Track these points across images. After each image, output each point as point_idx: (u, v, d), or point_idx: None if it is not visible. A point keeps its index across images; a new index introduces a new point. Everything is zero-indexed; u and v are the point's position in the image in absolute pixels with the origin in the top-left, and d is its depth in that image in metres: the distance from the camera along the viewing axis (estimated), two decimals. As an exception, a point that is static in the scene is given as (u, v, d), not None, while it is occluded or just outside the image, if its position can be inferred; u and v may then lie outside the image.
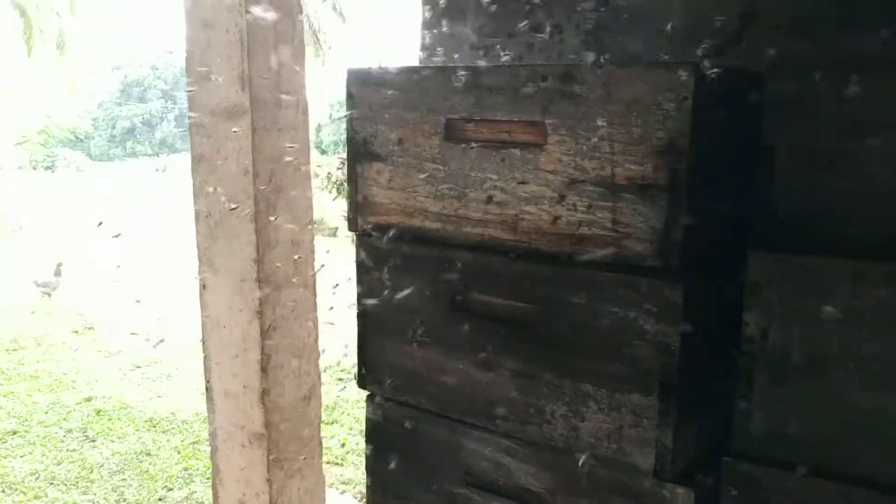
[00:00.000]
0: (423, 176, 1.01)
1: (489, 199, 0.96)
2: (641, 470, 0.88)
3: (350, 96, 1.05)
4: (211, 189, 1.63)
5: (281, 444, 1.70)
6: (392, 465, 1.10)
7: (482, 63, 1.03)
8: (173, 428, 4.32)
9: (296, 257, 1.66)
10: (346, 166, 1.10)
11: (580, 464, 0.92)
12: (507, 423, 0.98)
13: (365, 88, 1.04)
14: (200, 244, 1.68)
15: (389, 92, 1.02)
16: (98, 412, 4.55)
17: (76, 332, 6.41)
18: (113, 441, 4.11)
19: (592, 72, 0.86)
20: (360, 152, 1.06)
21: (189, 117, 1.65)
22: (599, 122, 0.87)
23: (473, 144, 0.96)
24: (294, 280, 1.66)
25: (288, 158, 1.64)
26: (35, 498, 3.42)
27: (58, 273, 7.39)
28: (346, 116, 1.07)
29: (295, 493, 1.74)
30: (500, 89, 0.93)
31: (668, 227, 0.84)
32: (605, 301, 0.87)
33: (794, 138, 0.86)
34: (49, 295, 7.38)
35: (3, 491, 3.48)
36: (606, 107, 0.86)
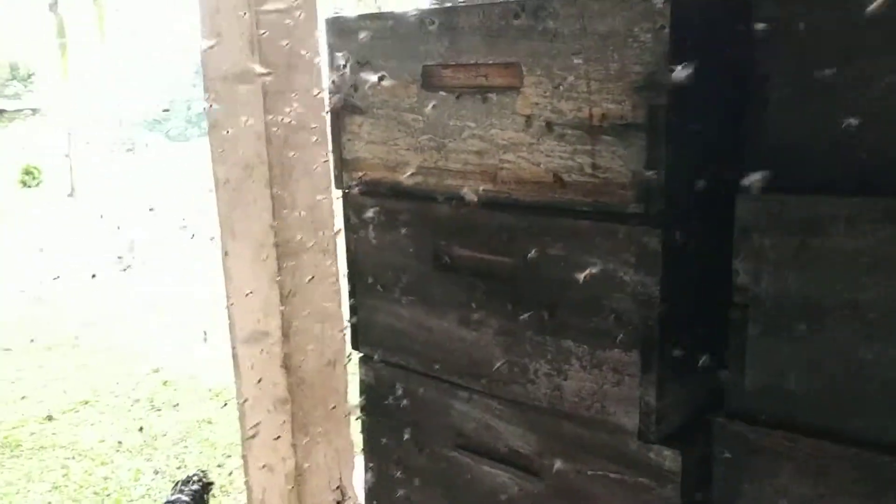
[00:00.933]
0: (402, 128, 0.96)
1: (468, 149, 0.91)
2: (627, 430, 0.82)
3: (329, 47, 1.01)
4: (226, 155, 1.63)
5: (305, 410, 1.70)
6: (385, 429, 1.07)
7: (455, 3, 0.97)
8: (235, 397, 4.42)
9: (313, 222, 1.64)
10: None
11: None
12: (493, 383, 0.93)
13: (342, 38, 1.00)
14: (220, 210, 1.68)
15: (366, 40, 0.97)
16: (165, 383, 4.70)
17: (146, 304, 6.62)
18: (177, 410, 4.24)
19: (565, 4, 0.80)
20: (341, 105, 1.02)
21: (204, 84, 1.65)
22: (575, 60, 0.80)
23: (451, 91, 0.91)
24: (312, 245, 1.65)
25: (302, 122, 1.61)
26: (102, 464, 3.56)
27: (131, 248, 7.65)
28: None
29: (322, 458, 1.74)
30: (474, 30, 0.88)
31: (647, 170, 0.77)
32: (584, 252, 0.82)
33: (789, 66, 0.78)
34: (125, 270, 7.66)
35: (74, 458, 3.64)
36: (581, 42, 0.80)
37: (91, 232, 9.89)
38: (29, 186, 20.60)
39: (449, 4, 1.10)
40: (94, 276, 7.50)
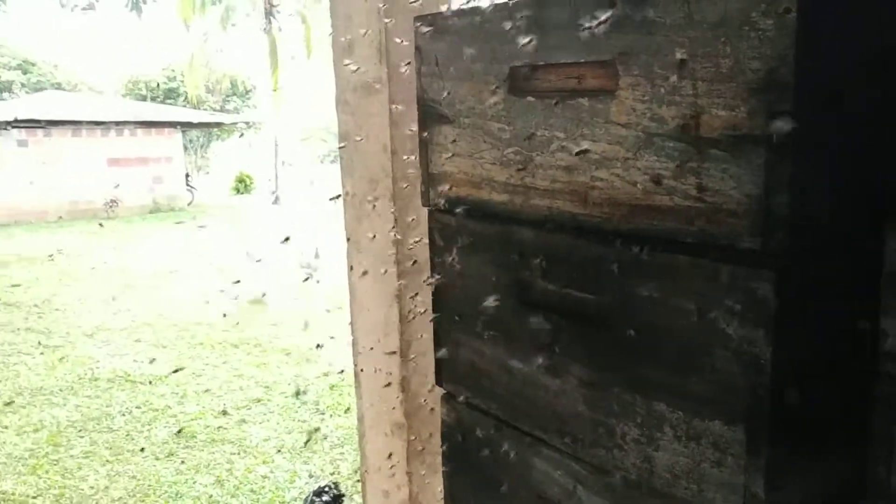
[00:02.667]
0: (488, 139, 0.84)
1: (557, 164, 0.77)
2: (729, 524, 0.65)
3: (417, 49, 0.92)
4: (354, 167, 1.58)
5: (422, 436, 1.61)
6: (465, 479, 0.95)
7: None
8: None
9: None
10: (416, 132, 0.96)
11: (658, 505, 0.71)
12: (577, 443, 0.78)
13: (431, 39, 0.90)
14: (347, 225, 1.64)
15: (454, 41, 0.86)
16: (332, 387, 4.84)
17: (328, 311, 6.91)
18: (340, 415, 4.34)
19: (667, -12, 0.65)
20: (428, 114, 0.92)
21: (335, 97, 1.61)
22: (679, 55, 0.65)
23: (539, 96, 0.78)
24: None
25: (428, 133, 1.53)
26: (263, 463, 3.70)
27: (317, 255, 8.03)
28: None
29: (437, 489, 1.64)
30: (565, 25, 0.74)
31: (767, 195, 0.60)
32: (681, 294, 0.65)
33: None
34: (311, 276, 8.04)
35: (239, 453, 3.81)
36: (687, 33, 0.64)
37: (285, 239, 10.53)
38: (241, 193, 22.45)
39: None
40: (306, 278, 7.91)
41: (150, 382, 5.11)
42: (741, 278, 0.60)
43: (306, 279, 7.93)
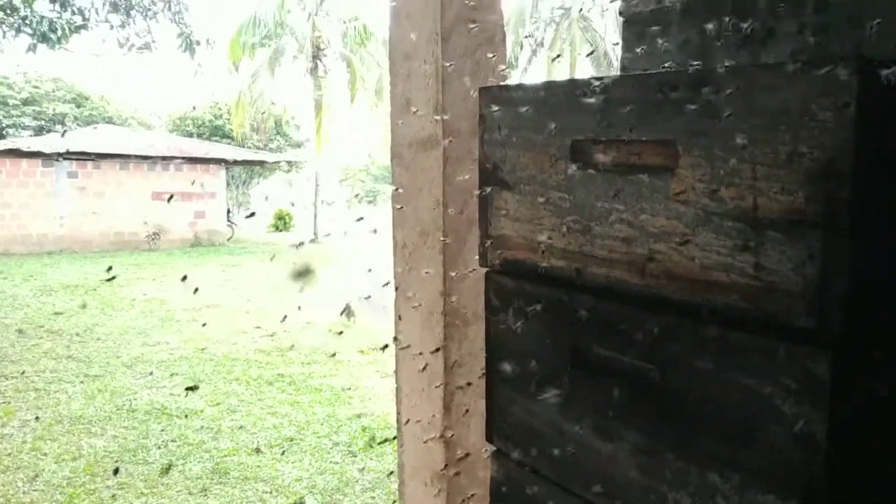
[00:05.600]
0: (548, 207, 0.88)
1: (615, 235, 0.80)
2: None
3: (481, 117, 0.96)
4: (405, 218, 1.63)
5: (462, 487, 1.63)
6: (513, 535, 0.97)
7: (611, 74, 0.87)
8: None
9: (480, 293, 1.58)
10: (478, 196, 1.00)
11: (708, 574, 0.72)
12: (628, 507, 0.80)
13: (495, 108, 0.94)
14: (396, 274, 1.68)
15: (518, 111, 0.91)
16: (364, 429, 4.85)
17: (362, 351, 6.95)
18: (371, 459, 4.34)
19: (729, 76, 0.68)
20: (489, 179, 0.96)
21: (391, 149, 1.67)
22: (739, 140, 0.68)
23: (600, 170, 0.82)
24: (481, 316, 1.59)
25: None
26: (294, 503, 3.71)
27: (349, 312, 8.00)
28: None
29: (477, 543, 1.65)
30: (628, 103, 0.78)
31: (823, 277, 0.62)
32: (737, 369, 0.68)
33: None
34: (349, 318, 8.08)
35: (271, 492, 3.83)
36: (747, 119, 0.67)
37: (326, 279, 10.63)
38: (280, 230, 22.79)
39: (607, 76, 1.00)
40: (344, 312, 7.93)
41: (186, 416, 5.17)
42: (797, 357, 0.63)
43: (340, 333, 7.95)
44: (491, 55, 1.58)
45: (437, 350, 1.59)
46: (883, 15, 0.84)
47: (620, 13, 1.43)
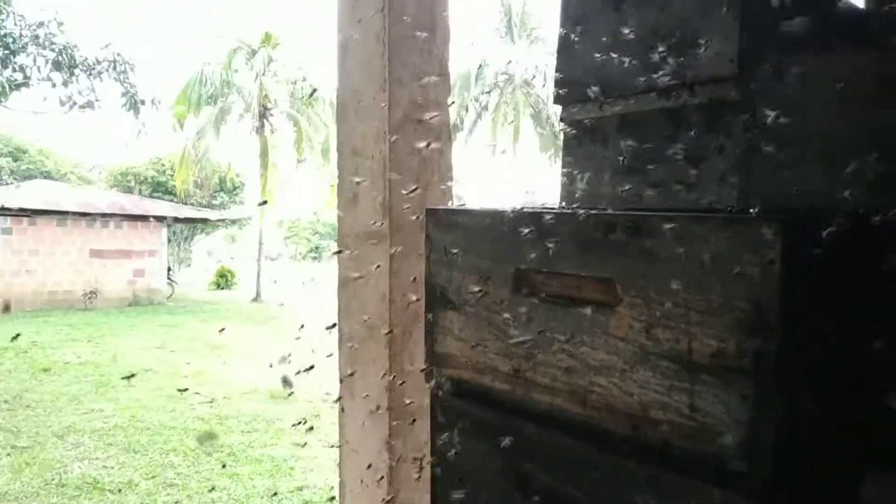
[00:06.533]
0: (493, 330, 0.90)
1: (558, 364, 0.82)
2: None
3: (428, 238, 0.98)
4: (352, 311, 1.63)
5: (406, 588, 1.60)
6: None
7: (551, 208, 0.90)
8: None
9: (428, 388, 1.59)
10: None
11: None
12: None
13: (441, 230, 0.96)
14: (341, 367, 1.67)
15: (463, 235, 0.93)
16: (306, 502, 4.73)
17: (303, 420, 6.81)
18: (313, 534, 4.22)
19: (665, 223, 0.72)
20: (435, 298, 0.98)
21: (338, 240, 1.68)
22: (674, 285, 0.71)
23: (542, 299, 0.84)
24: (427, 413, 1.59)
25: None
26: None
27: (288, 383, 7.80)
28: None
29: None
30: (570, 239, 0.81)
31: (754, 424, 0.65)
32: (674, 510, 0.70)
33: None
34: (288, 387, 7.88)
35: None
36: (682, 266, 0.71)
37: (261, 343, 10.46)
38: (222, 288, 22.40)
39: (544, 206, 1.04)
40: (290, 393, 7.71)
41: (120, 490, 4.98)
42: (729, 499, 0.65)
43: (290, 393, 7.78)
44: (438, 153, 1.62)
45: (383, 447, 1.58)
46: (808, 156, 0.90)
47: (561, 119, 1.49)
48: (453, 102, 1.71)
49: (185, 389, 7.40)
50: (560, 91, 1.46)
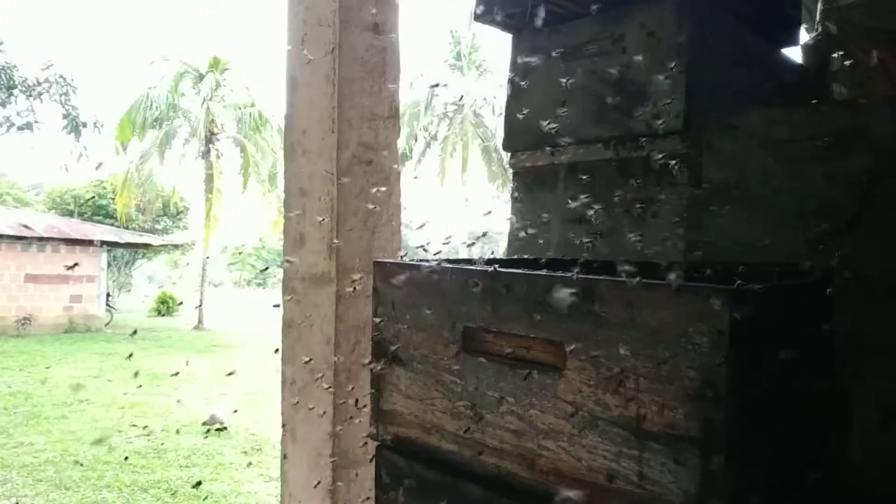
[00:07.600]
0: (440, 388, 0.88)
1: (506, 426, 0.81)
2: None
3: (375, 291, 0.96)
4: (296, 355, 1.59)
5: None
6: None
7: (501, 259, 0.89)
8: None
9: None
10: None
11: None
12: None
13: (388, 284, 0.95)
14: (284, 411, 1.63)
15: (412, 291, 0.92)
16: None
17: (245, 452, 6.65)
18: (252, 576, 4.10)
19: (613, 289, 0.72)
20: (382, 353, 0.96)
21: (283, 282, 1.65)
22: (622, 351, 0.71)
23: (491, 359, 0.83)
24: (371, 459, 1.55)
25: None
26: None
27: (216, 422, 7.57)
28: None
29: None
30: (519, 299, 0.80)
31: (702, 494, 0.65)
32: (624, 581, 0.68)
33: (875, 384, 0.65)
34: (219, 427, 7.64)
35: None
36: (630, 333, 0.70)
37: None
38: (163, 314, 21.84)
39: (492, 257, 1.03)
40: (222, 427, 7.51)
41: (47, 530, 4.75)
42: (681, 579, 0.64)
43: (221, 428, 7.55)
44: (387, 195, 1.60)
45: (326, 494, 1.54)
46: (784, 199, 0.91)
47: (511, 165, 1.49)
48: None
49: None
50: (509, 138, 1.46)
